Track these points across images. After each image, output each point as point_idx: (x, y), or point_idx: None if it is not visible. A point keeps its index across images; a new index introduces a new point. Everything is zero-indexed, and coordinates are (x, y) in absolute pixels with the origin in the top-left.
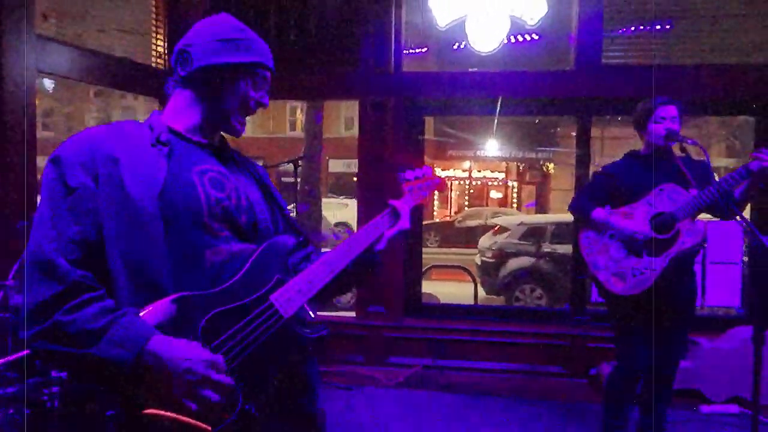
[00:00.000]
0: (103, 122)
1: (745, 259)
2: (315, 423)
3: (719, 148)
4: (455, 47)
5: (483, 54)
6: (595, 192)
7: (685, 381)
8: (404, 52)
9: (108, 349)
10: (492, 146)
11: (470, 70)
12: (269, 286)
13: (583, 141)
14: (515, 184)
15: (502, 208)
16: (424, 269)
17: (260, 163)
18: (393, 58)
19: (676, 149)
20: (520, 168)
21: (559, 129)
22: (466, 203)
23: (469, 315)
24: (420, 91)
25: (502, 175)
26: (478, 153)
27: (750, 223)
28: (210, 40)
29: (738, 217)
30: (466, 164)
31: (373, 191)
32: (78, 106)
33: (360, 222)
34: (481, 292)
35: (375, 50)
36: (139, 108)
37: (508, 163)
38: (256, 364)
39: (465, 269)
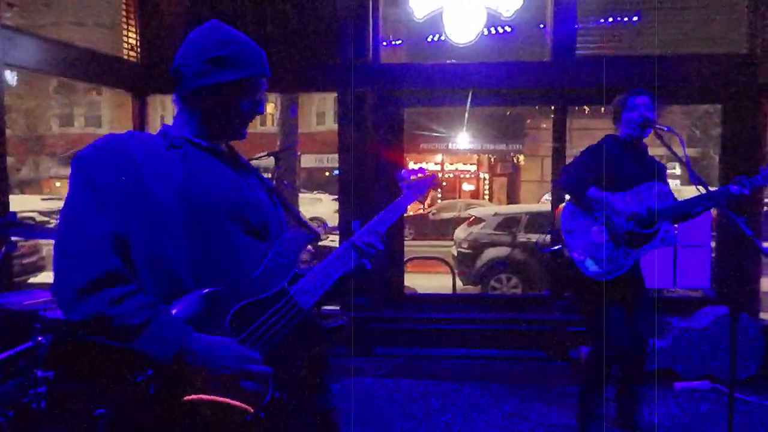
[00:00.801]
0: (65, 119)
1: (713, 244)
2: (331, 419)
3: (672, 136)
4: (429, 39)
5: (460, 46)
6: (587, 168)
7: (658, 360)
8: (382, 44)
9: (146, 344)
10: (463, 139)
11: (449, 61)
12: (287, 279)
13: (560, 131)
14: (487, 176)
15: (475, 200)
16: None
17: None
18: (371, 49)
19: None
20: (491, 160)
21: (528, 121)
22: (439, 196)
23: (451, 304)
24: (399, 83)
25: (473, 168)
26: (449, 146)
27: (731, 212)
28: (199, 60)
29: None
30: (438, 157)
31: (354, 183)
32: (38, 103)
33: (342, 215)
34: (458, 282)
35: (353, 42)
36: (104, 103)
37: (479, 156)
38: (281, 355)
39: (443, 260)
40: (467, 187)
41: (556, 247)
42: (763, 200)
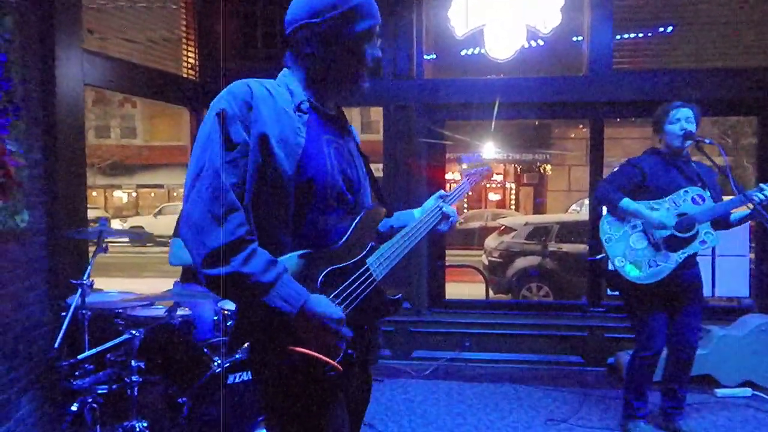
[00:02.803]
0: (102, 130)
1: (752, 256)
2: (370, 374)
3: (712, 147)
4: (462, 54)
5: (499, 61)
6: (622, 181)
7: (699, 367)
8: (424, 58)
9: (276, 301)
10: (489, 149)
11: (489, 77)
12: (365, 251)
13: (597, 143)
14: (513, 185)
15: (501, 210)
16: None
17: None
18: (415, 65)
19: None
20: (518, 170)
21: (556, 131)
22: (465, 206)
23: (489, 309)
24: (442, 98)
25: (499, 177)
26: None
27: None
28: (329, 16)
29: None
30: (464, 167)
31: (399, 193)
32: None
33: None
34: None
35: (398, 59)
36: (138, 115)
37: (505, 165)
38: (354, 318)
39: (477, 269)
40: (493, 196)
41: (599, 256)
42: None
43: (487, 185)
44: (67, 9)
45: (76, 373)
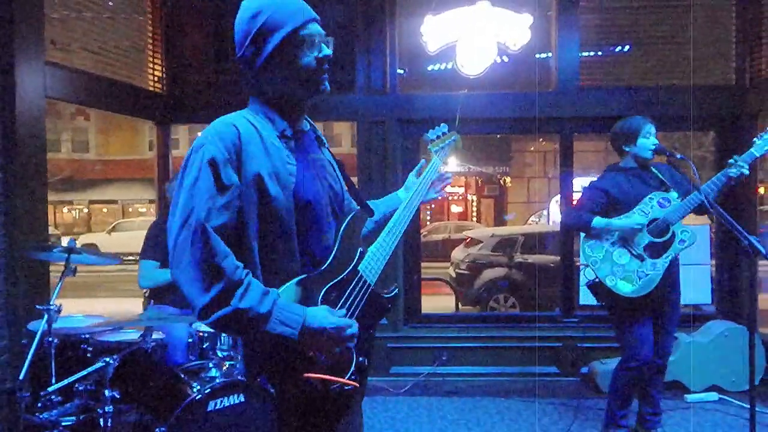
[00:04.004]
0: (51, 144)
1: (713, 262)
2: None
3: (661, 159)
4: (430, 69)
5: (470, 77)
6: (591, 206)
7: (669, 373)
8: (398, 72)
9: (277, 327)
10: (451, 161)
11: (462, 92)
12: (356, 259)
13: (566, 157)
14: (474, 197)
15: (464, 222)
16: None
17: None
18: (388, 81)
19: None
20: (479, 182)
21: (515, 144)
22: (428, 218)
23: (466, 323)
24: (417, 113)
25: (461, 190)
26: None
27: (736, 224)
28: (246, 46)
29: (715, 218)
30: None
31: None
32: None
33: None
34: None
35: (372, 74)
36: (91, 128)
37: (467, 178)
38: (359, 325)
39: (447, 281)
40: (455, 208)
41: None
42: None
43: (450, 197)
44: (29, 19)
45: (39, 405)
